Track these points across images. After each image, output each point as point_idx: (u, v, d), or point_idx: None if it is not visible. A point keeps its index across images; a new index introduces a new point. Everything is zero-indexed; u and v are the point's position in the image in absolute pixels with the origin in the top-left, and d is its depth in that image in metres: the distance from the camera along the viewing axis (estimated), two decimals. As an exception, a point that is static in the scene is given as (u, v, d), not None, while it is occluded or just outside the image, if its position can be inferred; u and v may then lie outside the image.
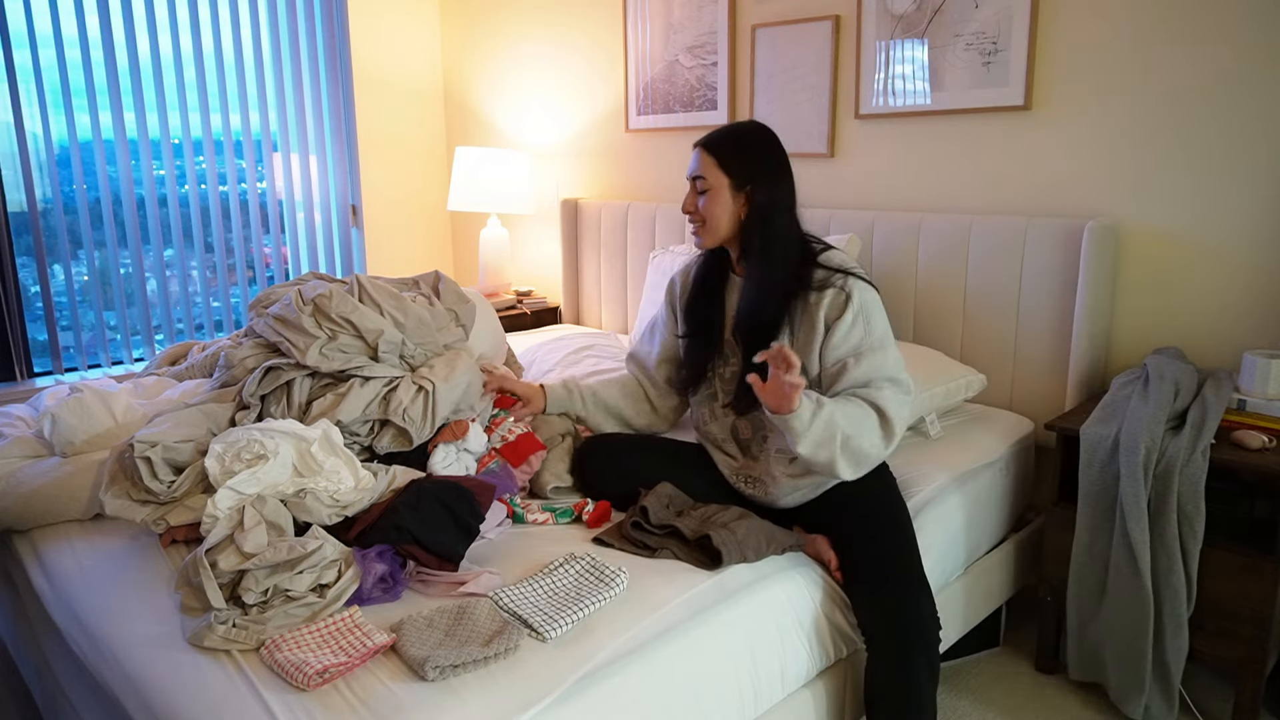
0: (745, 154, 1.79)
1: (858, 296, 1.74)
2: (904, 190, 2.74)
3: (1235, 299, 2.19)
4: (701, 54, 3.16)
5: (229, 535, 1.49)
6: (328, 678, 1.26)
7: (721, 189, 1.79)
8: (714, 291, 1.93)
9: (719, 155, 1.79)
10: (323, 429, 1.74)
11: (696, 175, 1.81)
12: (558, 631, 1.38)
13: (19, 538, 1.81)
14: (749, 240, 1.80)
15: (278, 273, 3.89)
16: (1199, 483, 1.84)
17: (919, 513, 1.92)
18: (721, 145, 1.80)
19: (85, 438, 1.93)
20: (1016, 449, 2.32)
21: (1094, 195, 2.36)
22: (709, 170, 1.80)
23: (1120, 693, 2.00)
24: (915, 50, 2.62)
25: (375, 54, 3.98)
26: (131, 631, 1.41)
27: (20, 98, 3.10)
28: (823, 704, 1.69)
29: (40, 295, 3.26)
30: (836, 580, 1.70)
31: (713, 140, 1.82)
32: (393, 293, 2.07)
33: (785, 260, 1.79)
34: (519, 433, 1.97)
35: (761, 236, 1.79)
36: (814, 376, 1.77)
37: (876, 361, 1.72)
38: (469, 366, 2.01)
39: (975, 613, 2.19)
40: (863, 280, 1.77)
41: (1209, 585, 1.90)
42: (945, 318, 2.59)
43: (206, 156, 3.56)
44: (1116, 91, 2.29)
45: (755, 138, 1.81)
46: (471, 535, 1.62)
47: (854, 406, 1.68)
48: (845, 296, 1.74)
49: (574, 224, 3.62)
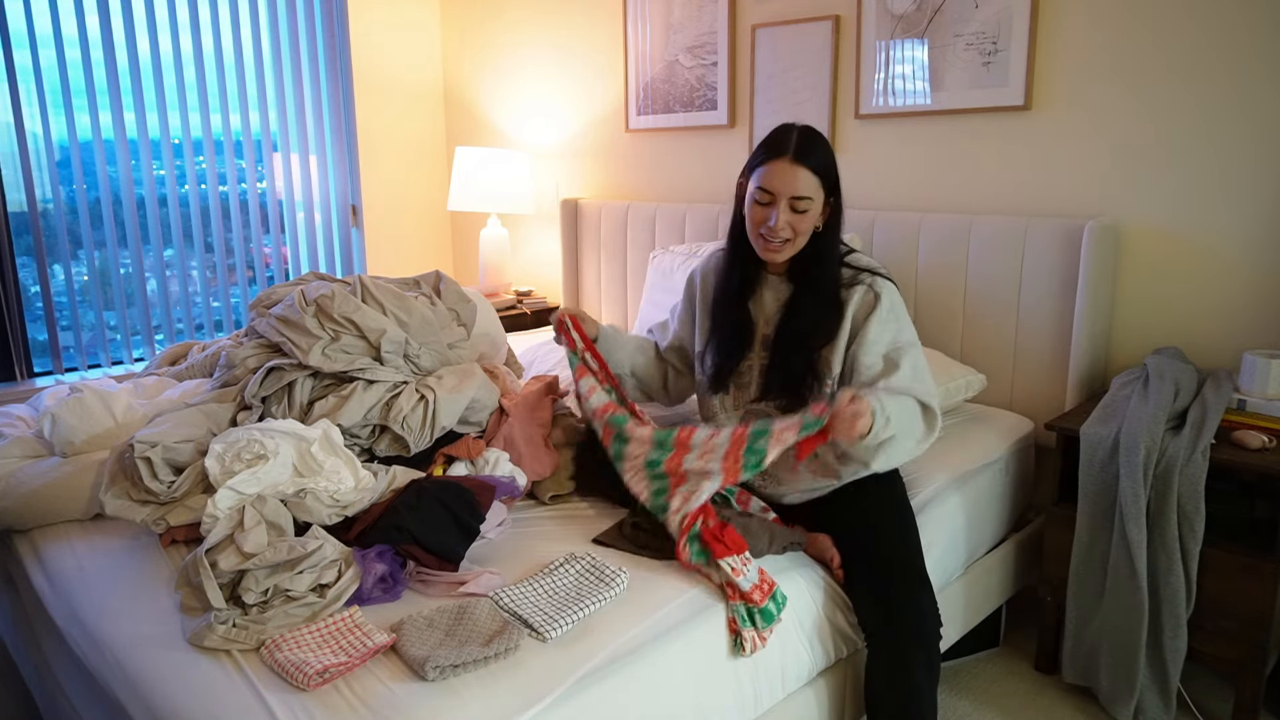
0: (832, 164, 1.75)
1: (887, 296, 1.75)
2: (904, 190, 2.74)
3: (1235, 299, 2.19)
4: (701, 54, 3.16)
5: (229, 535, 1.49)
6: (328, 678, 1.26)
7: (818, 204, 1.74)
8: (746, 292, 1.89)
9: (819, 170, 1.72)
10: (323, 429, 1.74)
11: (801, 195, 1.71)
12: (558, 631, 1.38)
13: (19, 538, 1.81)
14: (816, 246, 1.78)
15: (278, 273, 3.89)
16: (1199, 483, 1.84)
17: (919, 513, 1.92)
18: (818, 159, 1.72)
19: (85, 438, 1.93)
20: (1016, 449, 2.32)
21: (1094, 195, 2.36)
22: (812, 188, 1.71)
23: (1110, 695, 2.00)
24: (915, 50, 2.62)
25: (375, 54, 3.98)
26: (131, 631, 1.41)
27: (20, 98, 3.10)
28: (823, 704, 1.69)
29: (40, 295, 3.26)
30: (837, 580, 1.70)
31: (810, 154, 1.72)
32: (396, 292, 2.07)
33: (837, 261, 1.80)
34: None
35: (828, 242, 1.78)
36: (836, 375, 1.77)
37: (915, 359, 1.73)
38: (482, 384, 2.01)
39: (975, 613, 2.19)
40: (889, 281, 1.78)
41: (1209, 585, 1.90)
42: (945, 318, 2.59)
43: (206, 156, 3.56)
44: (1117, 91, 2.29)
45: (828, 144, 1.77)
46: (472, 536, 1.62)
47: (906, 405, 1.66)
48: (874, 295, 1.74)
49: (574, 224, 3.62)
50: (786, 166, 1.70)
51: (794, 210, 1.72)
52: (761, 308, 1.87)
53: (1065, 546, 2.08)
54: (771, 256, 1.78)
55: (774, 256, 1.78)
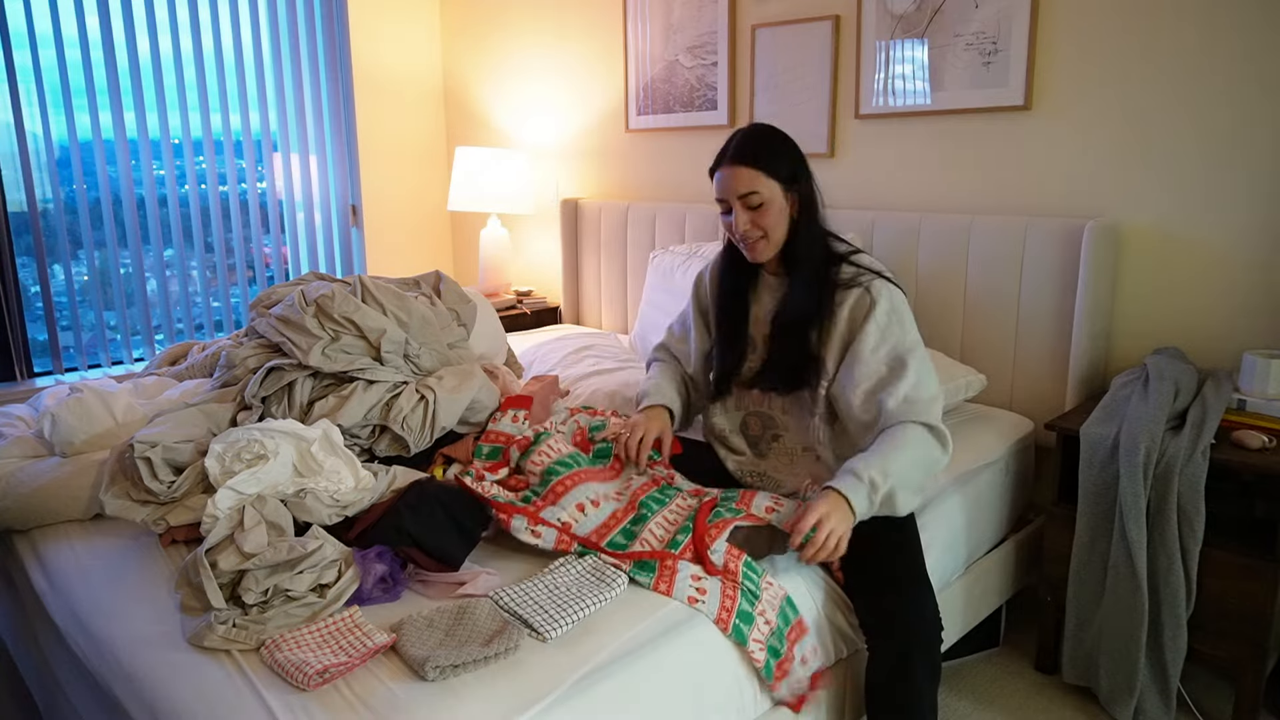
0: (781, 154, 1.73)
1: (885, 297, 1.72)
2: (904, 190, 2.74)
3: (1235, 299, 2.19)
4: (701, 54, 3.16)
5: (229, 535, 1.49)
6: (328, 678, 1.26)
7: (775, 196, 1.72)
8: (743, 293, 1.88)
9: (761, 164, 1.70)
10: (323, 429, 1.74)
11: (746, 193, 1.70)
12: (558, 631, 1.38)
13: (19, 538, 1.81)
14: (797, 238, 1.77)
15: (278, 273, 3.89)
16: (1199, 483, 1.84)
17: (919, 513, 1.92)
18: (758, 154, 1.71)
19: (85, 438, 1.93)
20: (1016, 449, 2.32)
21: (1094, 195, 2.36)
22: (757, 183, 1.70)
23: (1110, 695, 2.00)
24: (915, 50, 2.62)
25: (375, 54, 3.98)
26: (131, 631, 1.41)
27: (20, 98, 3.10)
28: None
29: (40, 295, 3.26)
30: (837, 580, 1.70)
31: (744, 152, 1.71)
32: (396, 292, 2.07)
33: (823, 250, 1.79)
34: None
35: (809, 231, 1.77)
36: (831, 375, 1.76)
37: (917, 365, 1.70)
38: (482, 386, 2.00)
39: (975, 613, 2.19)
40: (892, 283, 1.76)
41: (1209, 585, 1.90)
42: (945, 318, 2.59)
43: (206, 156, 3.56)
44: (1116, 91, 2.29)
45: (775, 136, 1.76)
46: (473, 542, 1.61)
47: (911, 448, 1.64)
48: (871, 300, 1.71)
49: (574, 224, 3.62)
50: (727, 171, 1.72)
51: (748, 208, 1.72)
52: (761, 308, 1.87)
53: (1065, 546, 2.08)
54: (755, 256, 1.78)
55: (755, 256, 1.78)
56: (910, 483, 1.64)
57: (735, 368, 1.88)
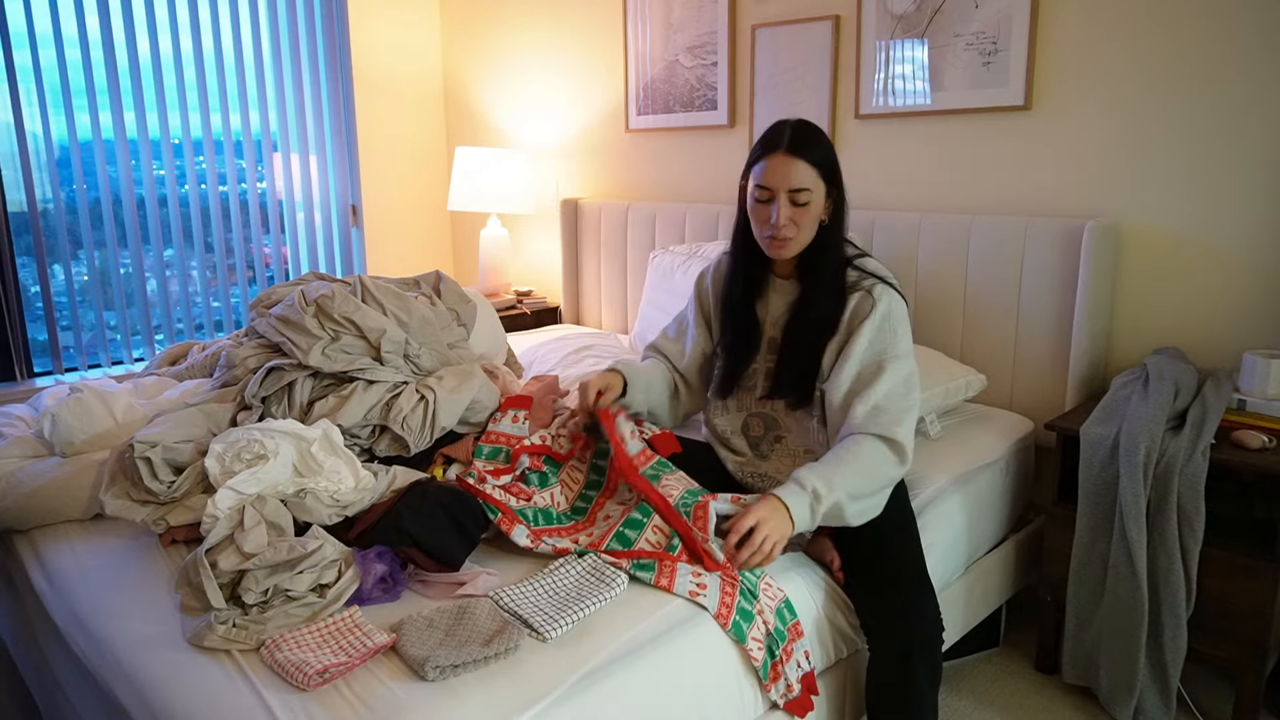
0: (832, 156, 1.72)
1: (885, 302, 1.72)
2: (904, 190, 2.74)
3: (1235, 299, 2.19)
4: (701, 54, 3.16)
5: (229, 535, 1.49)
6: (328, 678, 1.26)
7: (819, 197, 1.71)
8: (753, 296, 1.86)
9: (816, 161, 1.68)
10: (323, 429, 1.74)
11: (799, 188, 1.67)
12: (558, 631, 1.38)
13: (19, 538, 1.81)
14: (821, 242, 1.75)
15: (278, 273, 3.89)
16: (1199, 483, 1.84)
17: (919, 513, 1.92)
18: (814, 150, 1.68)
19: (85, 438, 1.93)
20: (1016, 449, 2.32)
21: (1094, 195, 2.36)
22: (810, 179, 1.68)
23: (1110, 695, 2.00)
24: (915, 50, 2.62)
25: (375, 54, 3.98)
26: (131, 631, 1.41)
27: (20, 98, 3.10)
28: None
29: (40, 295, 3.26)
30: (838, 581, 1.70)
31: (804, 145, 1.68)
32: (396, 292, 2.07)
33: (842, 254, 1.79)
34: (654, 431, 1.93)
35: (833, 237, 1.76)
36: (826, 376, 1.76)
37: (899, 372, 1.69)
38: (482, 386, 2.00)
39: (975, 613, 2.19)
40: (895, 290, 1.75)
41: (1209, 585, 1.90)
42: (945, 318, 2.59)
43: (206, 156, 3.56)
44: (1116, 91, 2.29)
45: (824, 136, 1.73)
46: (473, 543, 1.61)
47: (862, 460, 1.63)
48: (872, 303, 1.71)
49: (574, 224, 3.62)
50: (782, 160, 1.68)
51: (794, 203, 1.69)
52: (768, 311, 1.86)
53: (1065, 546, 2.08)
54: (779, 253, 1.74)
55: (781, 253, 1.74)
56: (860, 495, 1.63)
57: (740, 370, 1.88)
